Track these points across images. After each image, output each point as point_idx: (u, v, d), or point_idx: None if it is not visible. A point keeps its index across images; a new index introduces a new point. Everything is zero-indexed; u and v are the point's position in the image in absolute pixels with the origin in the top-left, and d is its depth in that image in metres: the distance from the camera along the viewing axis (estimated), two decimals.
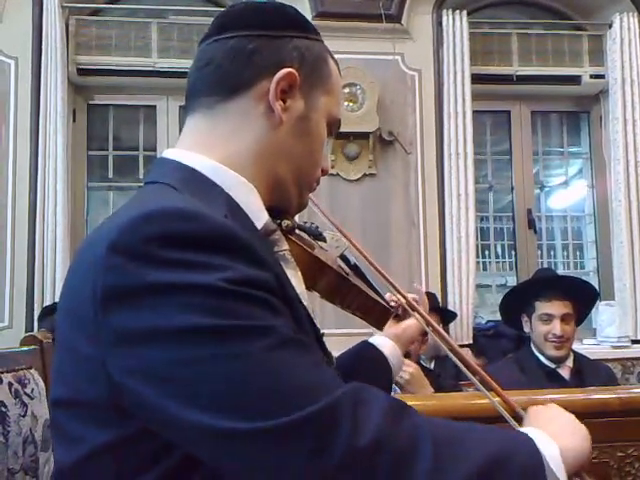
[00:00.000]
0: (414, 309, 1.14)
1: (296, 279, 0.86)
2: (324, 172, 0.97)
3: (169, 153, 0.88)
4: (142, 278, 0.66)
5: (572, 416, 0.86)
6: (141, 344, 0.66)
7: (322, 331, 0.89)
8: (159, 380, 0.65)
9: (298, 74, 0.88)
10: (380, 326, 1.17)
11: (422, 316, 1.10)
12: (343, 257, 0.96)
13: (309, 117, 0.90)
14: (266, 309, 0.70)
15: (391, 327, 1.23)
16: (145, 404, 0.67)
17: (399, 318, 1.25)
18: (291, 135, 0.89)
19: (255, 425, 0.64)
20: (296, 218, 0.97)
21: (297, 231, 0.93)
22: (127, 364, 0.67)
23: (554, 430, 0.78)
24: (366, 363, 1.19)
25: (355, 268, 0.93)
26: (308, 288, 0.92)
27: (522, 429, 0.80)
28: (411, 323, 1.23)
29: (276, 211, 0.91)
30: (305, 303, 0.85)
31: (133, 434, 0.71)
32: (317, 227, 0.97)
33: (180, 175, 0.83)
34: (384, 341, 1.21)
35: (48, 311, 3.36)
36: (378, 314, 1.13)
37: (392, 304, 1.21)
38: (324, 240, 0.97)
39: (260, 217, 0.86)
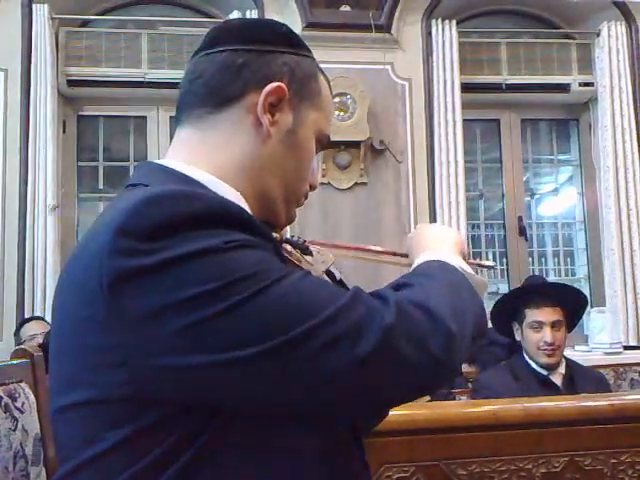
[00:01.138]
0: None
1: None
2: (312, 187, 0.96)
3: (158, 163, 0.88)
4: (153, 257, 0.67)
5: (432, 226, 1.08)
6: (168, 319, 0.67)
7: None
8: (192, 345, 0.67)
9: (287, 89, 0.88)
10: None
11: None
12: (329, 272, 0.96)
13: (297, 132, 0.90)
14: (269, 255, 0.74)
15: None
16: (183, 375, 0.68)
17: None
18: (279, 149, 0.88)
19: (303, 327, 0.68)
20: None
21: (285, 245, 0.93)
22: (156, 342, 0.68)
23: (437, 246, 0.96)
24: None
25: (340, 283, 0.93)
26: None
27: (428, 258, 0.92)
28: None
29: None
30: None
31: (147, 427, 0.71)
32: (304, 241, 0.97)
33: (171, 179, 0.83)
34: None
35: (20, 324, 3.37)
36: None
37: None
38: (311, 254, 0.97)
39: None
